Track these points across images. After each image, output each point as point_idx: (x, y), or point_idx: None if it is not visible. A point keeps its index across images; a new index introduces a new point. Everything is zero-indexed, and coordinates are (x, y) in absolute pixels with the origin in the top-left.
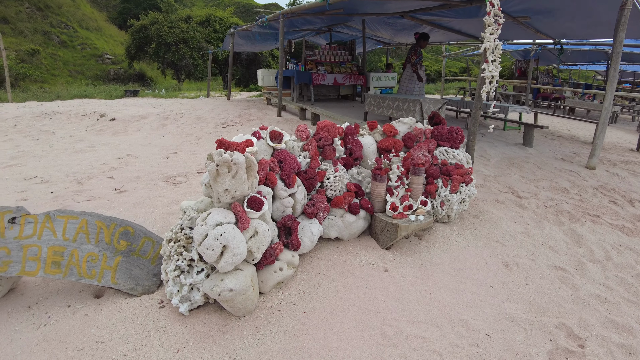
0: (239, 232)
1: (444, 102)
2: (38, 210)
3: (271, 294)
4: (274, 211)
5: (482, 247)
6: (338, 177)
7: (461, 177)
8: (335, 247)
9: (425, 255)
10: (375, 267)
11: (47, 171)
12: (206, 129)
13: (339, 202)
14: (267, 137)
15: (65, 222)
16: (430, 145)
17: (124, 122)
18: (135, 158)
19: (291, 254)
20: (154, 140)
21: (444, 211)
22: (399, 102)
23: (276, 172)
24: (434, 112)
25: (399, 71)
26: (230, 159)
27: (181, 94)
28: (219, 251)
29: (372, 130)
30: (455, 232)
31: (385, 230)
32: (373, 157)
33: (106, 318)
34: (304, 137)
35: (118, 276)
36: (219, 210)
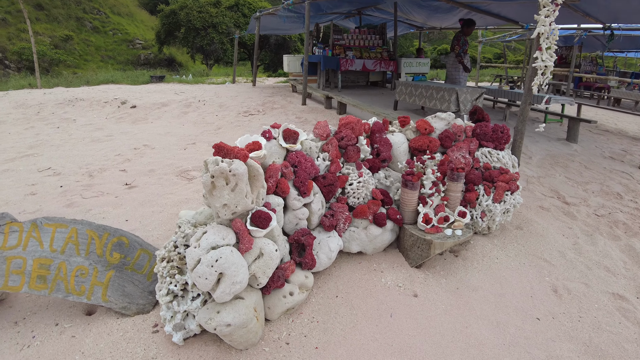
0: (239, 257)
1: (482, 91)
2: (45, 207)
3: (279, 321)
4: (285, 224)
5: (527, 267)
6: (362, 182)
7: (506, 185)
8: (357, 262)
9: (462, 277)
10: (402, 290)
11: (62, 162)
12: (228, 117)
13: (362, 212)
14: (279, 137)
15: (53, 232)
16: (471, 146)
17: (145, 109)
18: (152, 149)
19: (304, 275)
20: (174, 129)
21: (484, 223)
22: (433, 91)
23: (289, 178)
24: (476, 107)
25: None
26: (229, 169)
27: (208, 80)
28: (213, 280)
29: (403, 126)
30: (496, 247)
31: (415, 247)
32: (404, 159)
33: (93, 342)
34: (324, 136)
35: (110, 293)
36: (215, 229)
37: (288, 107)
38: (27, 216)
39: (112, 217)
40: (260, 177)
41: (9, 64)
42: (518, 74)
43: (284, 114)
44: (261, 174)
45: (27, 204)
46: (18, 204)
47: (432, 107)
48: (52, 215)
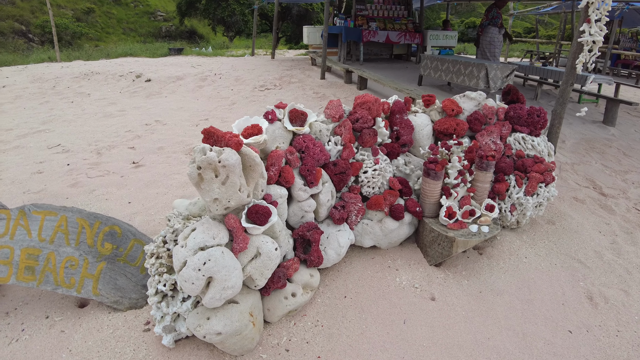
0: (232, 258)
1: (514, 67)
2: (49, 187)
3: (280, 324)
4: (290, 216)
5: (559, 269)
6: (378, 170)
7: (540, 176)
8: (370, 257)
9: (486, 278)
10: (419, 292)
11: (72, 139)
12: (243, 92)
13: (377, 204)
14: (284, 119)
15: (41, 220)
16: (503, 130)
17: (160, 83)
18: (163, 125)
19: (309, 273)
20: (187, 104)
21: (513, 217)
22: (461, 66)
23: (294, 165)
24: (510, 86)
25: (459, 30)
26: (217, 159)
27: (228, 52)
28: (201, 285)
29: (427, 106)
30: (524, 244)
31: (435, 244)
32: (427, 143)
33: (82, 339)
34: (336, 117)
35: (101, 286)
36: (205, 226)
37: (306, 82)
38: (30, 196)
39: (115, 198)
40: (257, 168)
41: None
42: (550, 49)
43: (301, 88)
44: (258, 163)
45: (32, 183)
46: (24, 182)
47: (459, 84)
48: (56, 195)
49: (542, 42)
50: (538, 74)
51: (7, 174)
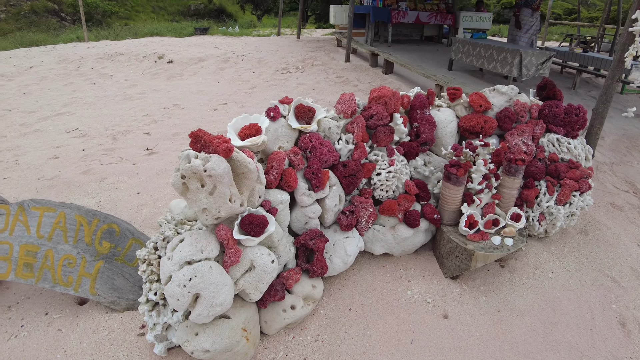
0: (221, 274)
1: (551, 54)
2: (62, 174)
3: (277, 337)
4: (292, 222)
5: (589, 287)
6: (393, 172)
7: (575, 184)
8: (381, 265)
9: (506, 295)
10: (431, 307)
11: (90, 122)
12: (265, 74)
13: (390, 210)
14: (289, 115)
15: (40, 215)
16: (535, 130)
17: (182, 64)
18: (181, 109)
19: (312, 284)
20: (207, 87)
21: (542, 227)
22: (493, 51)
23: (298, 167)
24: (546, 80)
25: (494, 11)
26: (202, 168)
27: (254, 32)
28: (186, 301)
29: (453, 100)
30: (552, 257)
31: (453, 255)
32: (450, 142)
33: (78, 340)
34: (348, 113)
35: (98, 286)
36: (194, 238)
37: (329, 64)
38: (44, 183)
39: (125, 187)
40: (251, 175)
41: (64, 16)
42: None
43: (323, 72)
44: (252, 170)
45: (47, 169)
46: (39, 168)
47: (491, 70)
48: (68, 183)
49: (584, 25)
50: (577, 60)
51: (25, 159)
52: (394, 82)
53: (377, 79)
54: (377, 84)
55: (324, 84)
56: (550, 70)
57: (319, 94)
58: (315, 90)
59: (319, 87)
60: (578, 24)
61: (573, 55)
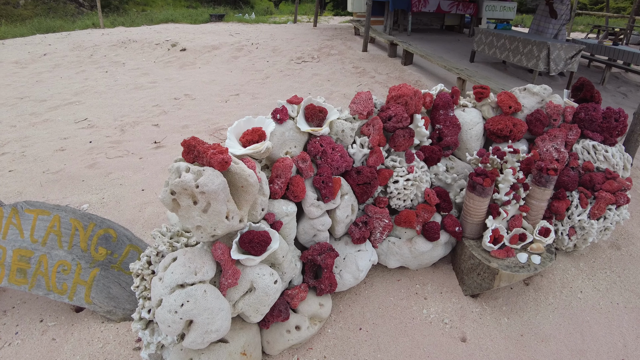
0: (217, 298)
1: (580, 48)
2: (68, 167)
3: (281, 357)
4: (300, 234)
5: (621, 310)
6: (412, 180)
7: (611, 196)
8: (395, 280)
9: (530, 318)
10: (448, 329)
11: (99, 112)
12: (279, 64)
13: (407, 221)
14: (298, 117)
15: (34, 219)
16: (569, 135)
17: (195, 52)
18: (192, 99)
19: (319, 303)
20: (220, 76)
21: (571, 242)
22: (519, 44)
23: (307, 175)
24: (582, 79)
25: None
26: (194, 184)
27: (271, 19)
28: (178, 328)
29: (479, 100)
30: (581, 274)
31: (474, 273)
32: (476, 147)
33: (71, 351)
34: (364, 114)
35: (94, 294)
36: (187, 257)
37: (346, 54)
38: (48, 177)
39: (129, 184)
40: (251, 189)
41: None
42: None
43: (340, 61)
44: (253, 184)
45: (53, 162)
46: (45, 160)
47: (515, 63)
48: (72, 177)
49: (612, 15)
50: (606, 54)
51: (32, 150)
52: (413, 74)
53: (395, 70)
54: (395, 76)
55: (339, 75)
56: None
57: (334, 85)
58: (331, 81)
59: (335, 78)
60: (606, 15)
61: (602, 48)
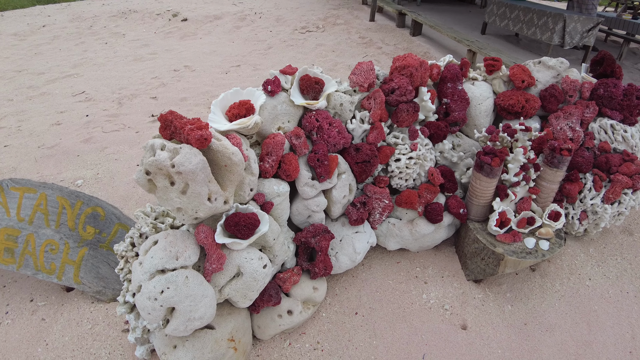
0: (200, 284)
1: (598, 21)
2: (63, 142)
3: (272, 342)
4: (294, 214)
5: (631, 299)
6: (415, 159)
7: (628, 180)
8: (395, 262)
9: (535, 306)
10: (448, 315)
11: (97, 85)
12: (282, 34)
13: (409, 202)
14: (292, 89)
15: (20, 197)
16: (586, 113)
17: (196, 23)
18: (192, 71)
19: (313, 286)
20: (221, 47)
21: (582, 227)
22: (533, 15)
23: (301, 152)
24: (603, 52)
25: None
26: (170, 163)
27: None
28: (159, 315)
29: (490, 73)
30: (590, 260)
31: (479, 257)
32: (485, 122)
33: (60, 333)
34: (365, 86)
35: (82, 274)
36: (169, 240)
37: (352, 23)
38: (43, 152)
39: (125, 158)
40: (236, 168)
41: None
42: None
43: (345, 31)
44: (236, 163)
45: (48, 136)
46: (41, 135)
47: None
48: (67, 152)
49: None
50: (625, 28)
51: (28, 125)
52: (421, 45)
53: (403, 41)
54: (403, 47)
55: (345, 45)
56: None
57: (338, 56)
58: (335, 52)
59: (340, 48)
60: None
61: (620, 22)
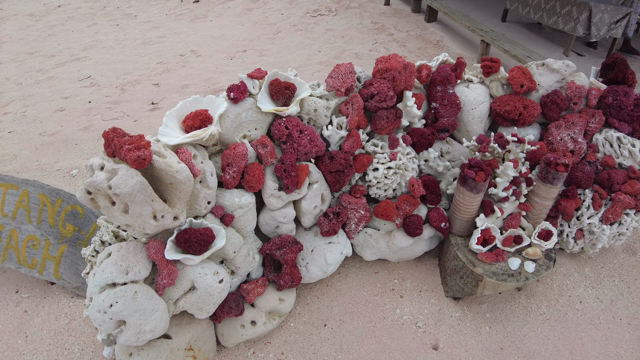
0: (150, 299)
1: (628, 11)
2: (64, 129)
3: (237, 350)
4: (261, 225)
5: (623, 327)
6: (394, 169)
7: (631, 200)
8: (373, 272)
9: (516, 329)
10: (420, 334)
11: (104, 69)
12: (293, 17)
13: (385, 214)
14: (260, 94)
15: (4, 193)
16: (591, 123)
17: (208, 4)
18: (197, 56)
19: (279, 297)
20: (230, 30)
21: (578, 246)
22: (556, 3)
23: (268, 162)
24: (616, 55)
25: None
26: (107, 184)
27: None
28: (109, 327)
29: (487, 75)
30: (584, 281)
31: (457, 275)
32: (478, 129)
33: (40, 325)
34: (342, 90)
35: (62, 270)
36: (121, 253)
37: (366, 7)
38: (44, 139)
39: None
40: (182, 186)
41: None
42: None
43: (358, 15)
44: (183, 181)
45: (50, 123)
46: (44, 121)
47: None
48: (66, 140)
49: None
50: None
51: (32, 110)
52: (435, 33)
53: (417, 28)
54: (416, 34)
55: (355, 31)
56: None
57: (347, 42)
58: (345, 37)
59: (349, 34)
60: None
61: None
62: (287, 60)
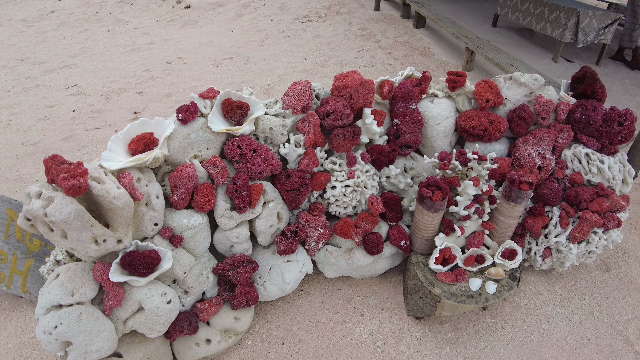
0: (95, 320)
1: (616, 17)
2: (46, 139)
3: None
4: (215, 244)
5: (591, 348)
6: (353, 187)
7: (598, 219)
8: (336, 289)
9: (477, 350)
10: (379, 353)
11: (91, 77)
12: (282, 23)
13: (344, 232)
14: (212, 114)
15: None
16: (559, 139)
17: (199, 10)
18: (184, 64)
19: (234, 316)
20: (219, 37)
21: (545, 264)
22: (545, 9)
23: (219, 182)
24: (585, 69)
25: None
26: (43, 212)
27: None
28: (55, 347)
29: (453, 89)
30: (553, 299)
31: (417, 294)
32: (443, 144)
33: (6, 339)
34: (298, 108)
35: (29, 284)
36: (67, 275)
37: (355, 13)
38: (26, 149)
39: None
40: (120, 211)
41: None
42: None
43: (347, 22)
44: (121, 206)
45: (34, 132)
46: (27, 131)
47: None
48: (47, 150)
49: None
50: None
51: (17, 119)
52: (422, 39)
53: (404, 34)
54: (403, 41)
55: (342, 38)
56: (613, 35)
57: (333, 50)
58: (331, 44)
59: (336, 41)
60: None
61: None
62: (272, 67)
